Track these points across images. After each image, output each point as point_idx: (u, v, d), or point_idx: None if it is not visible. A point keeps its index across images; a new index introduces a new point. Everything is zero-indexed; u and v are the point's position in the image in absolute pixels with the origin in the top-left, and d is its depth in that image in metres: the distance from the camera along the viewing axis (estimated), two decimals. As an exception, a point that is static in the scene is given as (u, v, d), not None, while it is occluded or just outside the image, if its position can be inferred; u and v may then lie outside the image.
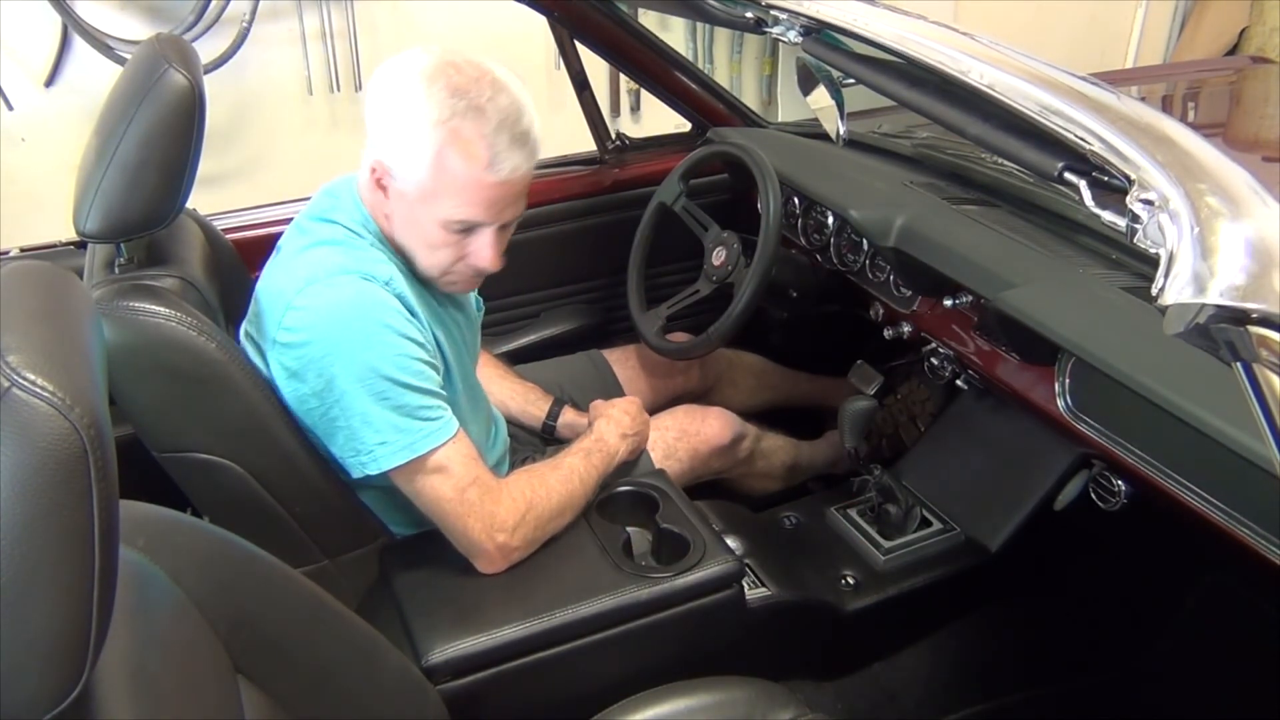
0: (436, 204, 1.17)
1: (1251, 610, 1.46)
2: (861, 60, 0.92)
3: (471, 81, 1.15)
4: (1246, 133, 1.99)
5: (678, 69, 1.99)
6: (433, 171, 1.15)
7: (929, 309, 1.57)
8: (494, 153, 1.15)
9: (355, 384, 1.15)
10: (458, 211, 1.18)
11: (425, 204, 1.18)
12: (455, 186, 1.16)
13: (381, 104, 1.17)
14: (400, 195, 1.19)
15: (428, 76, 1.14)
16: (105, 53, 2.70)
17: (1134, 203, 0.61)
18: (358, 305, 1.16)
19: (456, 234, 1.20)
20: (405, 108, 1.14)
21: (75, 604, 0.56)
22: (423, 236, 1.21)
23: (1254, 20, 3.89)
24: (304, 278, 1.18)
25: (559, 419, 1.64)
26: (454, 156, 1.14)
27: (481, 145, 1.14)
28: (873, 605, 1.47)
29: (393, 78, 1.17)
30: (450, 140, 1.14)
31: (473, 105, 1.14)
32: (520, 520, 1.24)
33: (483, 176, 1.15)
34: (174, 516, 0.85)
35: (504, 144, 1.15)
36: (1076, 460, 1.40)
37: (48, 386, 0.54)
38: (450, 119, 1.13)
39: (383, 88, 1.17)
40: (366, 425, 1.17)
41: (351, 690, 0.96)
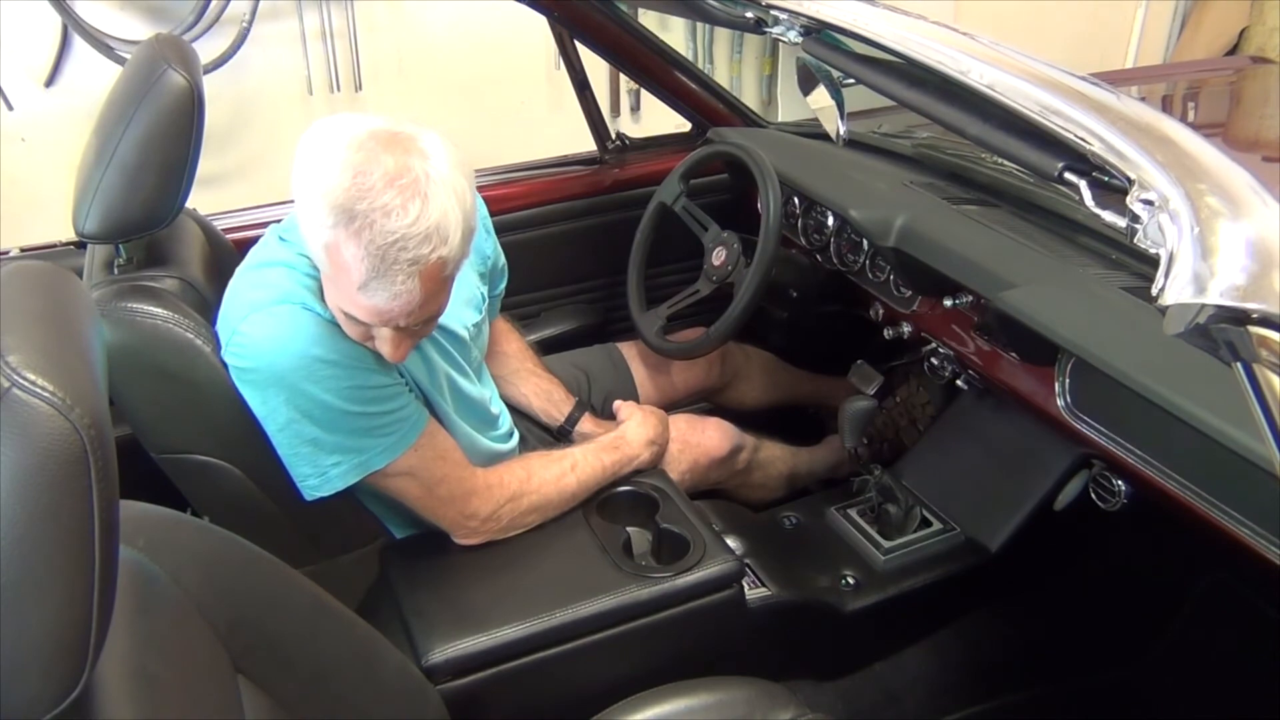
0: (331, 288, 1.11)
1: (1251, 610, 1.46)
2: (861, 60, 0.92)
3: (380, 182, 1.01)
4: (1246, 133, 1.99)
5: (678, 69, 1.99)
6: (325, 260, 1.06)
7: (929, 309, 1.57)
8: (368, 278, 1.03)
9: (301, 415, 1.14)
10: (346, 306, 1.09)
11: (327, 281, 1.11)
12: (340, 286, 1.07)
13: (298, 170, 1.06)
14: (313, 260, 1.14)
15: (343, 161, 1.02)
16: (105, 53, 2.70)
17: (1134, 203, 0.61)
18: (295, 339, 1.12)
19: (354, 321, 1.11)
20: (311, 186, 1.03)
21: (75, 604, 0.56)
22: (336, 305, 1.13)
23: (1254, 20, 3.88)
24: (248, 303, 1.16)
25: (576, 425, 1.63)
26: (337, 259, 1.04)
27: (359, 264, 1.02)
28: (873, 605, 1.47)
29: (316, 147, 1.05)
30: (335, 244, 1.03)
31: (365, 215, 1.00)
32: (494, 513, 1.27)
33: (357, 296, 1.05)
34: (174, 516, 0.85)
35: (385, 271, 1.02)
36: (1076, 460, 1.40)
37: (48, 386, 0.54)
38: (337, 225, 1.01)
39: (305, 153, 1.06)
40: (318, 449, 1.16)
41: (351, 690, 0.96)
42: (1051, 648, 1.60)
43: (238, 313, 1.17)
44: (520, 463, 1.35)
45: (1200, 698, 1.48)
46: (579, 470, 1.36)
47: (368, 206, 1.00)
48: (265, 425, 1.17)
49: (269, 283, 1.17)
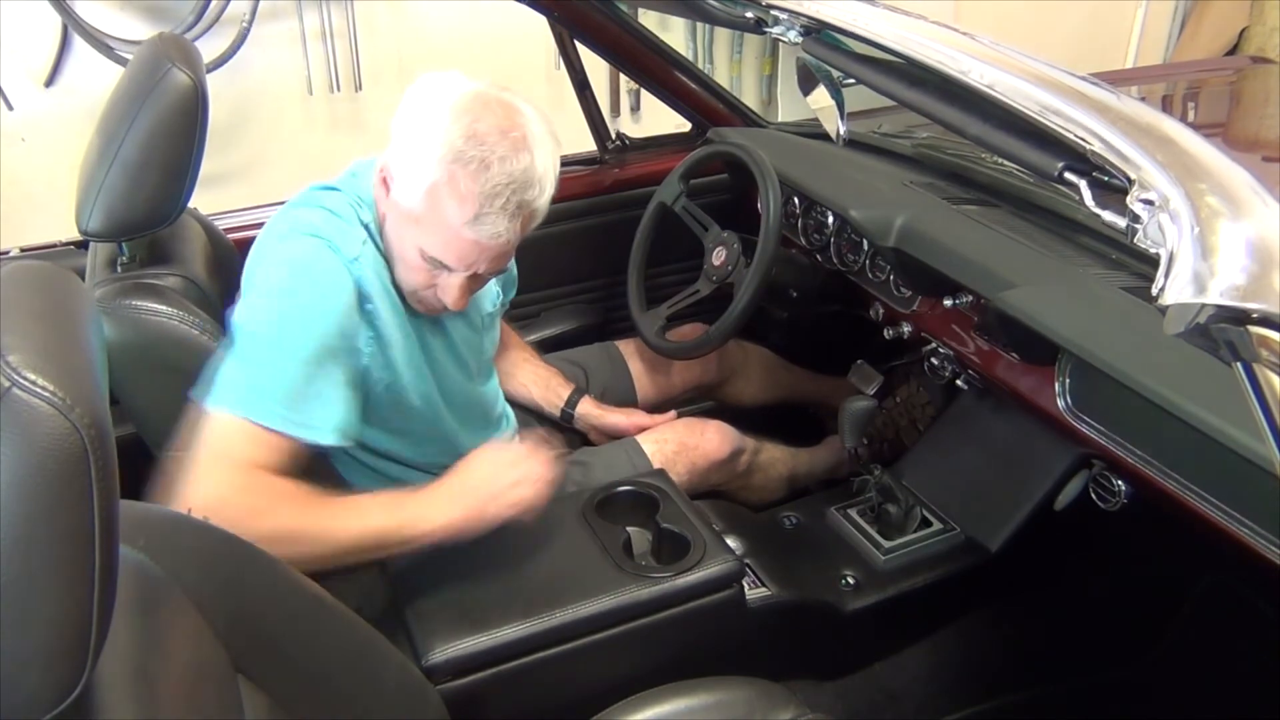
0: (418, 231, 1.18)
1: (1251, 610, 1.46)
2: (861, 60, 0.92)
3: (495, 131, 1.13)
4: (1246, 133, 1.99)
5: (678, 69, 1.99)
6: (423, 202, 1.15)
7: (929, 309, 1.57)
8: (480, 212, 1.14)
9: (258, 326, 1.14)
10: (433, 248, 1.18)
11: (410, 225, 1.18)
12: (436, 226, 1.16)
13: (406, 116, 1.17)
14: (394, 204, 1.19)
15: (456, 109, 1.14)
16: (105, 53, 2.70)
17: (1134, 203, 0.61)
18: (304, 264, 1.17)
19: (429, 264, 1.20)
20: (422, 130, 1.14)
21: (75, 604, 0.56)
22: (401, 251, 1.22)
23: (1254, 20, 3.89)
24: (276, 233, 1.21)
25: (577, 407, 1.65)
26: (444, 198, 1.14)
27: (471, 200, 1.13)
28: (873, 605, 1.47)
29: (426, 96, 1.16)
30: (446, 182, 1.13)
31: (481, 158, 1.12)
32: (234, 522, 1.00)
33: (462, 229, 1.15)
34: (174, 516, 0.85)
35: (495, 208, 1.14)
36: (1076, 460, 1.40)
37: (48, 386, 0.54)
38: (454, 162, 1.12)
39: (414, 101, 1.17)
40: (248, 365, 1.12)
41: (351, 690, 0.96)
42: (1051, 648, 1.60)
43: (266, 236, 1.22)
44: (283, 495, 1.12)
45: (1200, 698, 1.48)
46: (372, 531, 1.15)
47: (485, 151, 1.12)
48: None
49: (298, 218, 1.21)
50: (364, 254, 1.20)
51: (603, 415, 1.65)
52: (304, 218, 1.21)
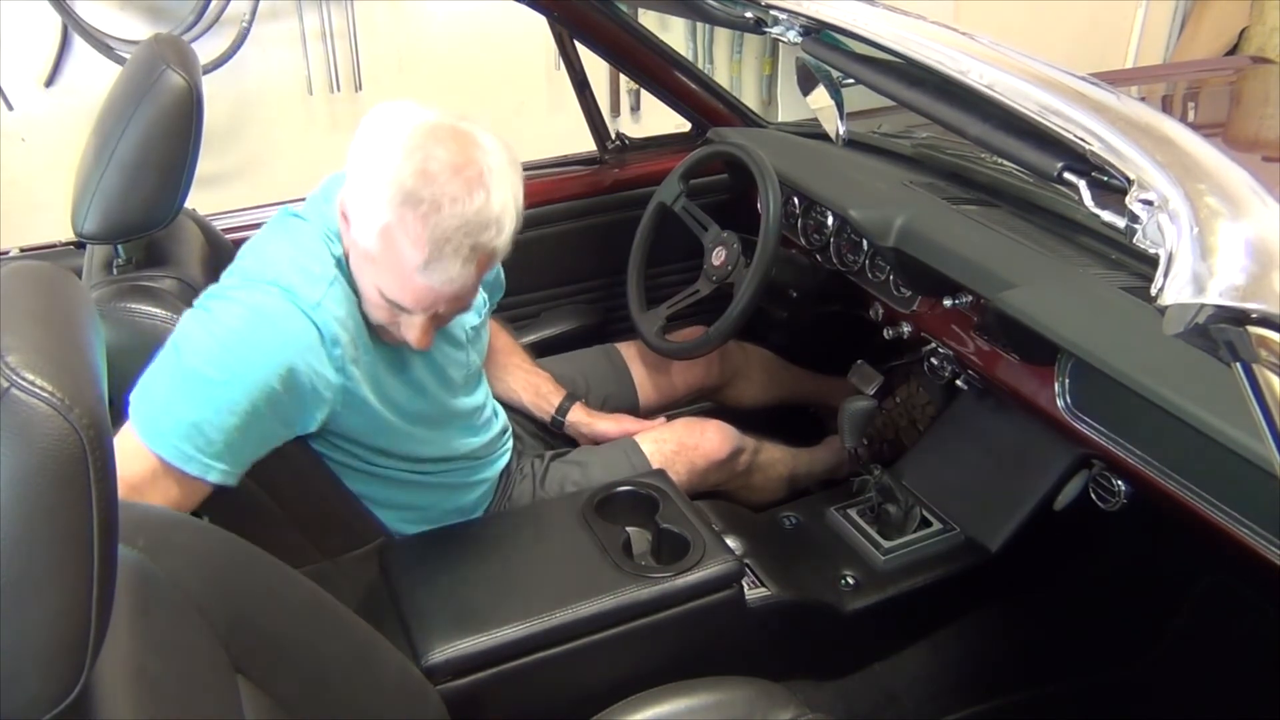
0: (374, 271, 1.13)
1: (1251, 610, 1.47)
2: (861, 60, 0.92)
3: (447, 170, 1.07)
4: (1246, 133, 1.99)
5: (678, 69, 1.99)
6: (377, 242, 1.10)
7: (929, 309, 1.57)
8: (430, 258, 1.09)
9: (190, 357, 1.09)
10: (389, 290, 1.13)
11: (367, 264, 1.14)
12: (391, 268, 1.11)
13: (359, 151, 1.11)
14: (354, 242, 1.15)
15: (408, 146, 1.08)
16: (105, 53, 2.70)
17: (1134, 203, 0.61)
18: (259, 318, 1.11)
19: (388, 304, 1.15)
20: (373, 167, 1.09)
21: (75, 604, 0.56)
22: (363, 288, 1.18)
23: (1254, 20, 3.89)
24: (242, 270, 1.18)
25: (567, 414, 1.64)
26: (396, 241, 1.09)
27: (421, 245, 1.08)
28: (873, 605, 1.47)
29: (378, 129, 1.10)
30: (397, 224, 1.08)
31: (432, 199, 1.07)
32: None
33: (415, 274, 1.10)
34: (174, 516, 0.85)
35: (447, 252, 1.09)
36: (1076, 460, 1.40)
37: (47, 387, 0.54)
38: (404, 204, 1.07)
39: (367, 134, 1.11)
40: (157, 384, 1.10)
41: (351, 690, 0.96)
42: (1051, 648, 1.60)
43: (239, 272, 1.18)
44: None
45: (1200, 697, 1.48)
46: None
47: (436, 192, 1.06)
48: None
49: (271, 257, 1.17)
50: (329, 295, 1.15)
51: (592, 423, 1.64)
52: (270, 259, 1.17)
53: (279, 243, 1.21)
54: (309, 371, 1.13)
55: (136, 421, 1.08)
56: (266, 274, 1.15)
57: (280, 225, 1.24)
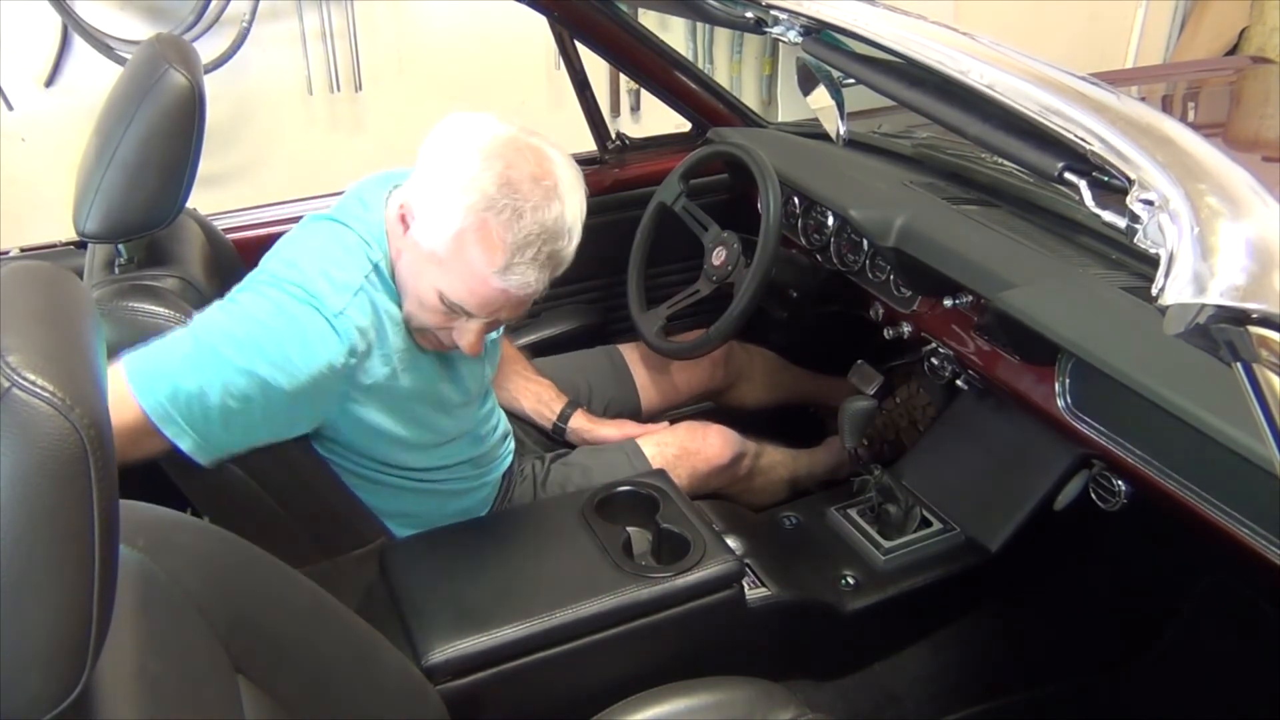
0: (439, 273, 1.15)
1: (1251, 610, 1.46)
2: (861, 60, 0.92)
3: (528, 180, 1.12)
4: (1246, 133, 1.99)
5: (678, 69, 1.99)
6: (449, 246, 1.13)
7: (929, 309, 1.57)
8: (510, 263, 1.12)
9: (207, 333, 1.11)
10: (455, 293, 1.16)
11: (430, 266, 1.15)
12: (462, 272, 1.14)
13: (434, 155, 1.14)
14: (414, 244, 1.17)
15: (487, 154, 1.12)
16: (105, 53, 2.70)
17: (1134, 203, 0.61)
18: (290, 323, 1.12)
19: (446, 308, 1.17)
20: (451, 173, 1.12)
21: (75, 604, 0.56)
22: (417, 290, 1.18)
23: (1254, 20, 3.89)
24: (275, 266, 1.18)
25: (569, 421, 1.64)
26: (472, 245, 1.12)
27: (501, 250, 1.12)
28: (873, 605, 1.47)
29: (456, 136, 1.14)
30: (476, 229, 1.11)
31: (514, 207, 1.11)
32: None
33: (490, 278, 1.13)
34: (174, 516, 0.85)
35: (526, 258, 1.13)
36: (1076, 460, 1.40)
37: (48, 386, 0.54)
38: (486, 210, 1.11)
39: (443, 140, 1.14)
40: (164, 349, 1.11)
41: (351, 690, 0.96)
42: (1051, 648, 1.60)
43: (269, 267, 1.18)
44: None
45: (1200, 697, 1.48)
46: None
47: (518, 200, 1.11)
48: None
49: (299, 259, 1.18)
50: (354, 305, 1.16)
51: (594, 429, 1.64)
52: (299, 262, 1.17)
53: (310, 246, 1.21)
54: (317, 379, 1.13)
55: (131, 374, 1.08)
56: (293, 276, 1.16)
57: (315, 228, 1.24)
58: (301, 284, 1.15)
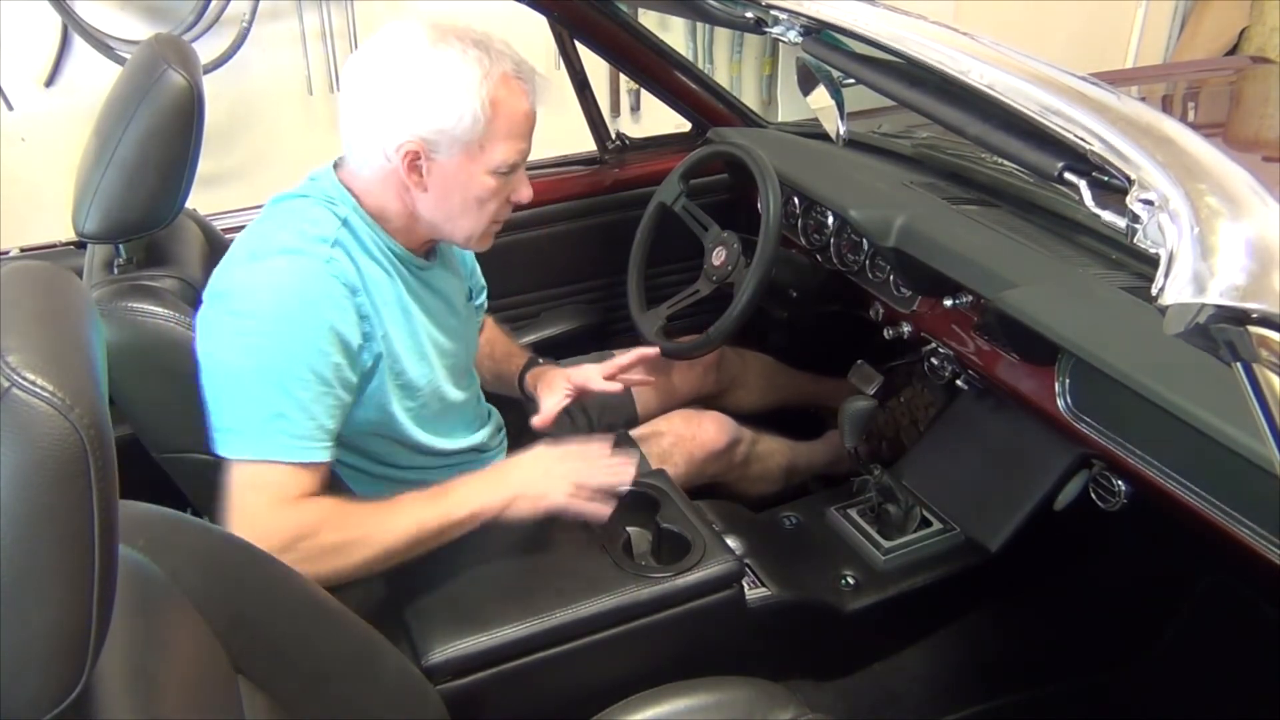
0: (489, 154, 1.19)
1: (1251, 610, 1.46)
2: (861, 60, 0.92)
3: (471, 33, 1.18)
4: (1246, 133, 1.99)
5: (678, 69, 1.99)
6: (487, 122, 1.17)
7: (929, 309, 1.57)
8: (531, 85, 1.21)
9: (256, 364, 1.13)
10: (510, 154, 1.20)
11: (477, 160, 1.19)
12: (506, 130, 1.19)
13: (403, 84, 1.15)
14: (441, 169, 1.19)
15: (437, 41, 1.16)
16: (105, 53, 2.70)
17: (1134, 203, 0.61)
18: (281, 287, 1.15)
19: (503, 178, 1.22)
20: (441, 75, 1.15)
21: (75, 604, 0.56)
22: (471, 198, 1.22)
23: (1254, 20, 3.89)
24: (246, 252, 1.19)
25: (529, 371, 1.61)
26: (506, 101, 1.17)
27: (520, 83, 1.19)
28: (873, 605, 1.47)
29: (401, 57, 1.16)
30: (500, 86, 1.16)
31: (493, 51, 1.17)
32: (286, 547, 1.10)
33: (529, 110, 1.21)
34: (174, 516, 0.85)
35: (529, 74, 1.20)
36: (1076, 460, 1.40)
37: (48, 386, 0.54)
38: (491, 68, 1.16)
39: (397, 69, 1.16)
40: (240, 405, 1.13)
41: (351, 690, 0.96)
42: (1051, 648, 1.60)
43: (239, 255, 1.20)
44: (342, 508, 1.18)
45: (1200, 698, 1.48)
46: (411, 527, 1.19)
47: (484, 39, 1.17)
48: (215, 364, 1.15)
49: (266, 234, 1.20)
50: (334, 254, 1.17)
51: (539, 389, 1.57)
52: (269, 234, 1.20)
53: (272, 221, 1.23)
54: (343, 321, 1.16)
55: (226, 450, 1.14)
56: (269, 248, 1.18)
57: (269, 210, 1.26)
58: (282, 249, 1.17)
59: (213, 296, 1.18)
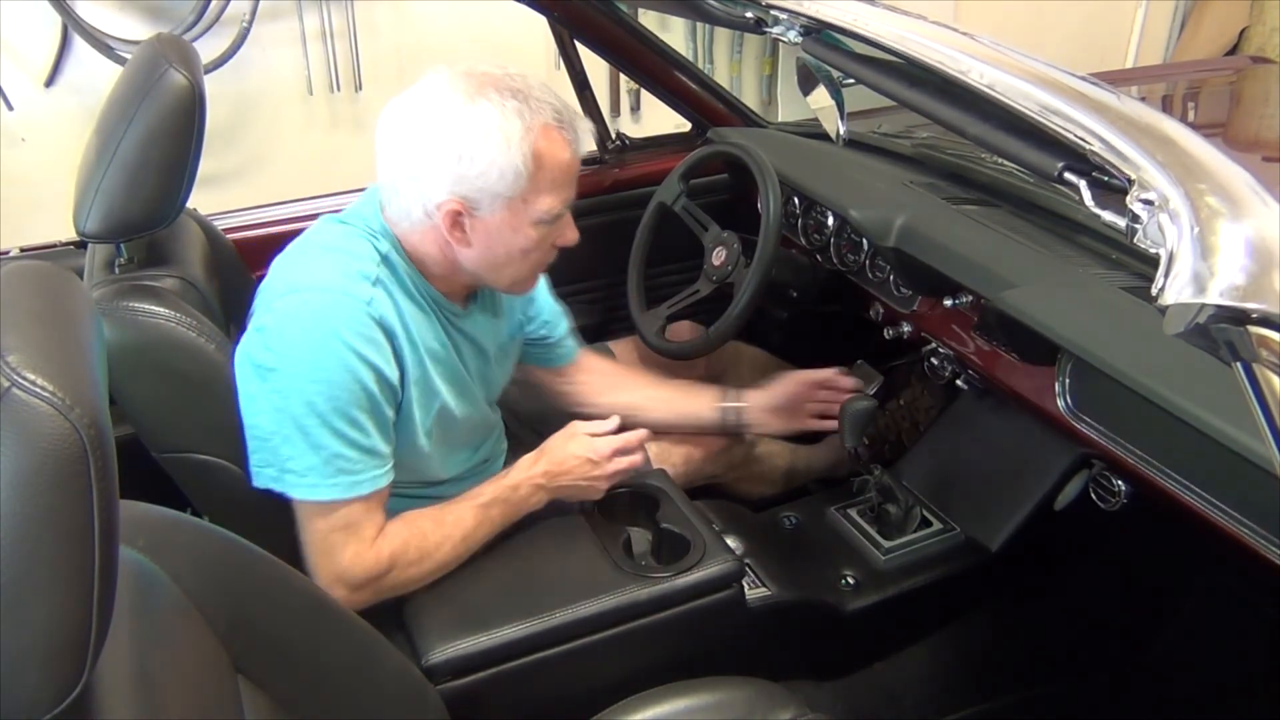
0: (532, 206, 1.17)
1: (1251, 610, 1.46)
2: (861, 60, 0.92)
3: (508, 79, 1.14)
4: (1246, 133, 1.99)
5: (678, 69, 1.99)
6: (530, 176, 1.14)
7: (929, 309, 1.57)
8: (573, 133, 1.18)
9: (302, 405, 1.13)
10: (554, 204, 1.19)
11: (520, 214, 1.17)
12: (550, 182, 1.17)
13: (442, 143, 1.12)
14: (484, 224, 1.17)
15: (475, 96, 1.12)
16: (105, 53, 2.70)
17: (1134, 203, 0.61)
18: (326, 325, 1.13)
19: (547, 227, 1.21)
20: (480, 132, 1.12)
21: (75, 604, 0.56)
22: (516, 250, 1.21)
23: (1254, 20, 3.89)
24: (287, 283, 1.18)
25: (740, 417, 1.63)
26: (548, 153, 1.15)
27: (562, 132, 1.16)
28: (873, 605, 1.47)
29: (438, 114, 1.13)
30: (541, 138, 1.14)
31: (533, 101, 1.13)
32: (368, 579, 1.19)
33: (573, 160, 1.18)
34: (174, 516, 0.85)
35: (570, 120, 1.17)
36: (1076, 460, 1.40)
37: (48, 386, 0.54)
38: (532, 120, 1.13)
39: (435, 128, 1.13)
40: (287, 448, 1.14)
41: (351, 690, 0.96)
42: (1051, 648, 1.60)
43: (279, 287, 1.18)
44: (406, 528, 1.23)
45: (1200, 698, 1.48)
46: (465, 530, 1.26)
47: (521, 87, 1.14)
48: (260, 403, 1.15)
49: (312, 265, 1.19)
50: (376, 294, 1.16)
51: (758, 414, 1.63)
52: (312, 264, 1.19)
53: (316, 247, 1.22)
54: (381, 360, 1.16)
55: (295, 491, 1.16)
56: (309, 281, 1.17)
57: (318, 229, 1.25)
58: (319, 286, 1.16)
59: (255, 331, 1.17)
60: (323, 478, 1.15)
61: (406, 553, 1.21)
